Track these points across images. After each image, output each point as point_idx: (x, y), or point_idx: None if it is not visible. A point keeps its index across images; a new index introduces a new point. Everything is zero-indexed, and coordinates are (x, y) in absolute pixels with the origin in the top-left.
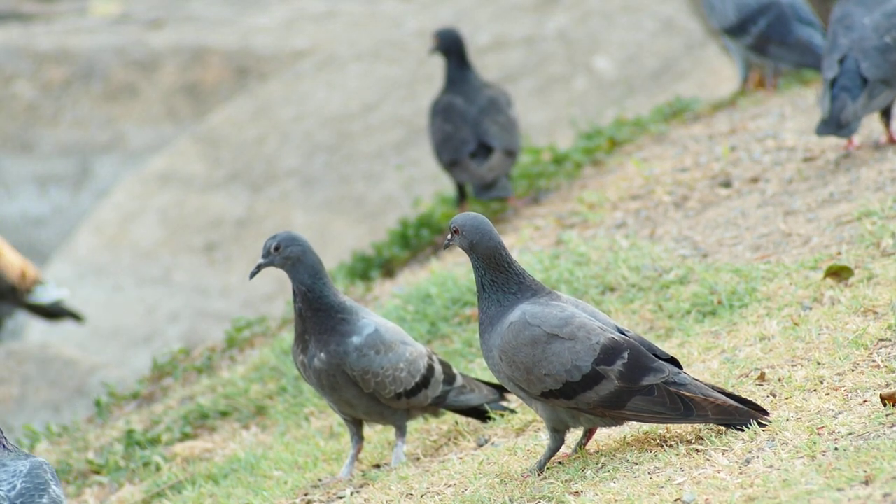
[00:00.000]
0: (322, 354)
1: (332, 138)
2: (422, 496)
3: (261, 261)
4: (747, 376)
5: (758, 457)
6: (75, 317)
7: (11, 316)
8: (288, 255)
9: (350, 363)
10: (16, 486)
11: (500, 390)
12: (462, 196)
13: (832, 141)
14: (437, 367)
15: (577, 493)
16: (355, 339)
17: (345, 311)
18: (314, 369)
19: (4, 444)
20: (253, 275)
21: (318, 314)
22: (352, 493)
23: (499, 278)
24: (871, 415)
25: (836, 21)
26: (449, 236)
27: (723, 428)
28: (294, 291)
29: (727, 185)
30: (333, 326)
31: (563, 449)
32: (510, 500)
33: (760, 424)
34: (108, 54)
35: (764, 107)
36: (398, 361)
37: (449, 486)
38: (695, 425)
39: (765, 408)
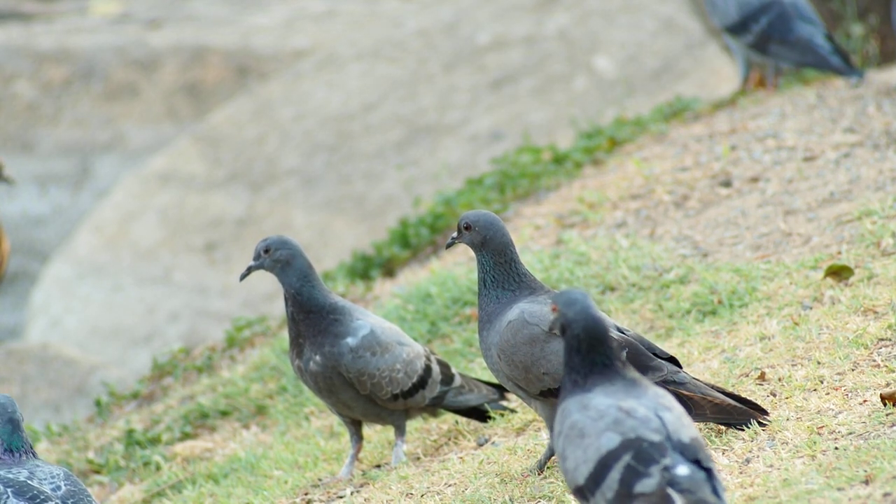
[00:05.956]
0: (317, 357)
1: (332, 138)
2: (422, 496)
3: (251, 263)
4: (747, 376)
5: (758, 456)
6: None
7: None
8: (277, 258)
9: (345, 364)
10: (60, 486)
11: (500, 390)
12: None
13: (832, 140)
14: (435, 368)
15: None
16: (350, 341)
17: (337, 312)
18: (310, 373)
19: (34, 453)
20: (243, 277)
21: (309, 316)
22: (352, 493)
23: (501, 275)
24: (872, 414)
25: None
26: (455, 234)
27: (723, 427)
28: (285, 296)
29: (727, 184)
30: (326, 328)
31: None
32: (510, 499)
33: (760, 424)
34: (108, 54)
35: (764, 106)
36: (394, 362)
37: (449, 486)
38: (694, 424)
39: (765, 407)
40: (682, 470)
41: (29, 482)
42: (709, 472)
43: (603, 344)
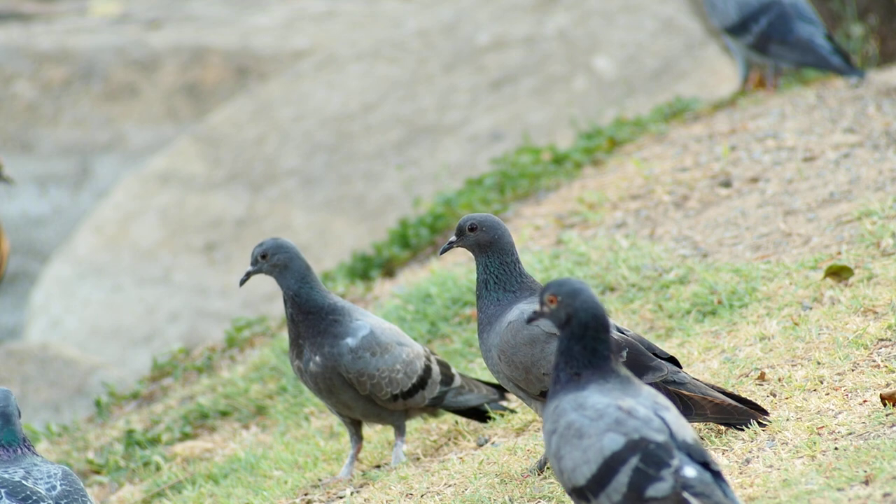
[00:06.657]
0: (317, 358)
1: (332, 138)
2: (422, 496)
3: (249, 268)
4: (747, 376)
5: (758, 457)
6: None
7: None
8: (275, 262)
9: (345, 365)
10: (56, 486)
11: (500, 390)
12: None
13: (832, 140)
14: (435, 368)
15: None
16: (350, 341)
17: (336, 313)
18: (310, 373)
19: (30, 447)
20: (242, 282)
21: (308, 317)
22: (352, 493)
23: (505, 276)
24: (871, 415)
25: None
26: (452, 239)
27: (723, 428)
28: (284, 297)
29: (727, 184)
30: (326, 328)
31: None
32: (510, 499)
33: (760, 424)
34: (108, 54)
35: (764, 106)
36: (394, 363)
37: (449, 486)
38: (694, 424)
39: (765, 407)
40: (690, 471)
41: (24, 482)
42: (716, 475)
43: (607, 332)
